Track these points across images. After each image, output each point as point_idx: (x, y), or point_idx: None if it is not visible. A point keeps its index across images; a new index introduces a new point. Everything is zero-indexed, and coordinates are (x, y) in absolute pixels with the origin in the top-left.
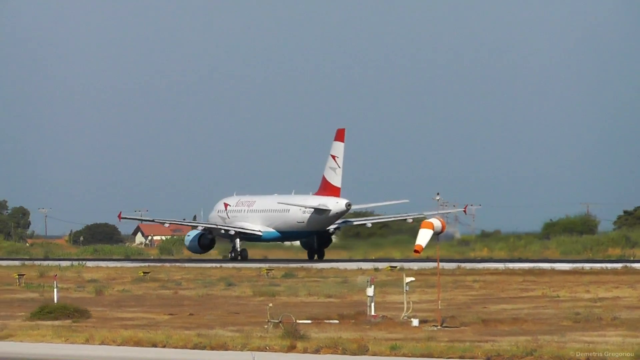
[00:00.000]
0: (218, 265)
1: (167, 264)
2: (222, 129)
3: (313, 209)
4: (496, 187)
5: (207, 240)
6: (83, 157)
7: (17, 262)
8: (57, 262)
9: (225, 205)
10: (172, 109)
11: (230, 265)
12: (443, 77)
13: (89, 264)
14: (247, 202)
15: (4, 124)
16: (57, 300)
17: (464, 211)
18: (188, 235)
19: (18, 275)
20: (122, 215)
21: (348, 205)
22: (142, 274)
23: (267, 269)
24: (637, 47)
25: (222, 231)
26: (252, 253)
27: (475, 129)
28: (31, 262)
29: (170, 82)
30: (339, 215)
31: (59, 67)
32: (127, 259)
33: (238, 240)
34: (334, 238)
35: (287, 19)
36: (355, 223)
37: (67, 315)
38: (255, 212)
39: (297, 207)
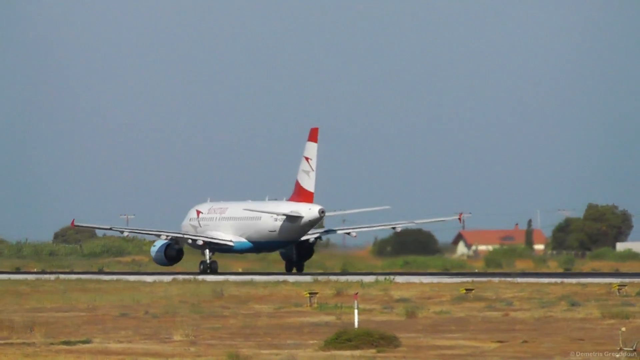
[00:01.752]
0: (558, 280)
1: (495, 279)
2: (198, 132)
3: (285, 217)
4: None
5: (173, 251)
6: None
7: (308, 278)
8: (358, 277)
9: (198, 212)
10: (152, 111)
11: (573, 280)
12: (429, 74)
13: (399, 279)
14: (220, 209)
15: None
16: (358, 324)
17: (459, 219)
18: (154, 246)
19: (309, 293)
20: (75, 223)
21: (321, 212)
22: (464, 291)
23: (618, 285)
24: None
25: (190, 241)
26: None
27: (468, 130)
28: (326, 277)
29: (149, 85)
30: (313, 223)
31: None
32: (446, 273)
33: (207, 251)
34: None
35: (258, 16)
36: (339, 232)
37: (370, 343)
38: (226, 220)
39: (268, 215)
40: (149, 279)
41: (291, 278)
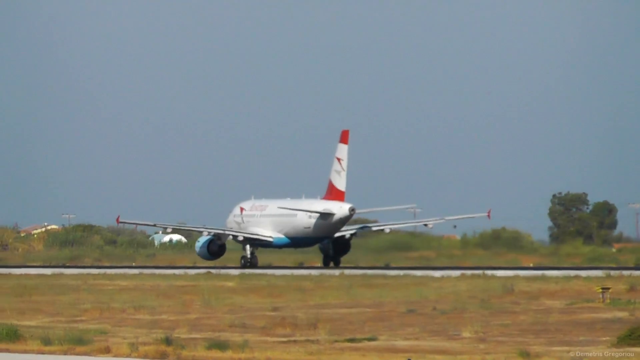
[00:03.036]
0: None
1: None
2: (243, 136)
3: (318, 214)
4: None
5: (216, 246)
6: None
7: (599, 272)
8: None
9: (241, 209)
10: (185, 111)
11: None
12: (451, 77)
13: None
14: (260, 206)
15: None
16: None
17: (488, 215)
18: (198, 241)
19: (602, 288)
20: (120, 220)
21: (351, 210)
22: None
23: None
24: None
25: (231, 237)
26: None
27: (487, 130)
28: (618, 272)
29: (180, 85)
30: (344, 220)
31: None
32: None
33: (248, 246)
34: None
35: (290, 21)
36: (374, 229)
37: None
38: (266, 217)
39: (303, 212)
40: (436, 274)
41: (583, 273)
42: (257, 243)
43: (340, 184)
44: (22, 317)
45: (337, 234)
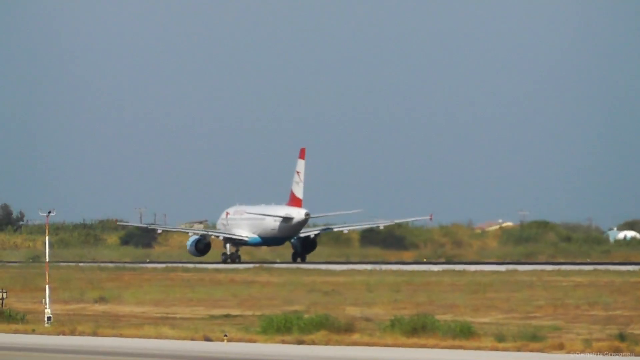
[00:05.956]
0: None
1: None
2: (231, 148)
3: (281, 218)
4: None
5: (202, 244)
6: None
7: None
8: None
9: (227, 213)
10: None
11: None
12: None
13: None
14: (241, 211)
15: None
16: None
17: (430, 218)
18: (189, 241)
19: None
20: (117, 222)
21: (307, 214)
22: None
23: None
24: None
25: (213, 237)
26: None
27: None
28: None
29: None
30: (302, 223)
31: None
32: None
33: (228, 245)
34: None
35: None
36: (335, 230)
37: None
38: (244, 220)
39: (270, 217)
40: None
41: None
42: (236, 242)
43: (299, 192)
44: (476, 314)
45: (304, 234)
